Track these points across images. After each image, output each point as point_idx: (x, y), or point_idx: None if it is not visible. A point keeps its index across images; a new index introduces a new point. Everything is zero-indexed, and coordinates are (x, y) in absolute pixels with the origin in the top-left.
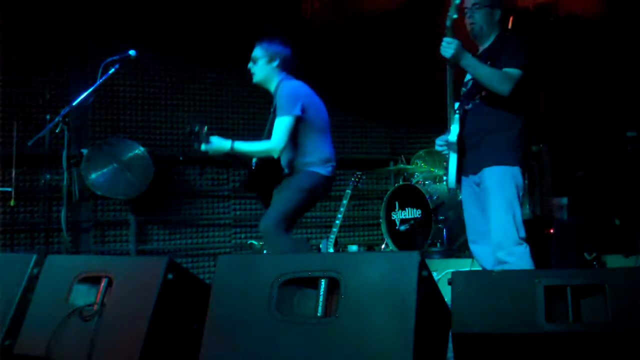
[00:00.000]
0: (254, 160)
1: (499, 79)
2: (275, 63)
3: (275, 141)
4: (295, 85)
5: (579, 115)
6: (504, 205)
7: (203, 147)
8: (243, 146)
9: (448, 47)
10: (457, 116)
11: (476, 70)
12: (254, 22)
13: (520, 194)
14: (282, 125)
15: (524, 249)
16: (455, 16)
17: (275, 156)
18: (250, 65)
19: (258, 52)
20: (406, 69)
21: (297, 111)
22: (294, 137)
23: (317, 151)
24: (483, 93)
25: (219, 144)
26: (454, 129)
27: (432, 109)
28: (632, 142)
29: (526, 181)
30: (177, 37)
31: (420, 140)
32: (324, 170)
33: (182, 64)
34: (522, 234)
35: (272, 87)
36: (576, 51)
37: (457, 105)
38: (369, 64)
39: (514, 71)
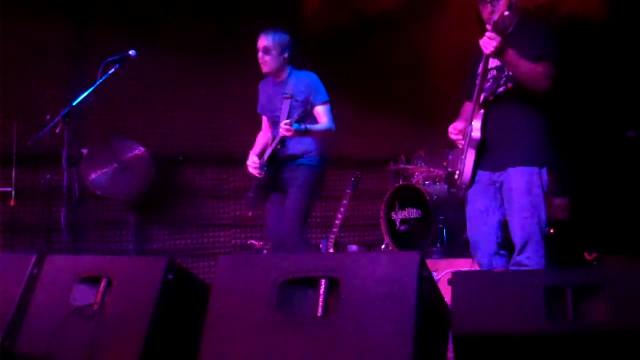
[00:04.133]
0: (266, 166)
1: (541, 77)
2: (286, 54)
3: (331, 122)
4: (315, 75)
5: (579, 115)
6: (529, 209)
7: (295, 125)
8: (314, 128)
9: (490, 42)
10: (481, 112)
11: (518, 67)
12: (254, 22)
13: (547, 196)
14: (328, 109)
15: (543, 252)
16: (506, 13)
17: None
18: (261, 55)
19: (268, 42)
20: (406, 68)
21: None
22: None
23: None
24: (509, 85)
25: (298, 127)
26: (477, 125)
27: (432, 108)
28: (632, 142)
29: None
30: (177, 37)
31: (421, 140)
32: (326, 159)
33: (182, 63)
34: (544, 235)
35: (281, 76)
36: (576, 51)
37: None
38: (369, 63)
39: (551, 65)
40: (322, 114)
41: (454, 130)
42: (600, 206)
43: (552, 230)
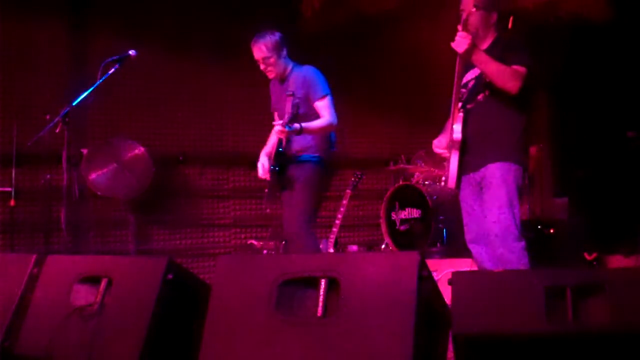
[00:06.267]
0: (273, 166)
1: (509, 76)
2: (284, 52)
3: (332, 116)
4: (316, 69)
5: (579, 115)
6: (506, 201)
7: (287, 127)
8: (310, 125)
9: (462, 41)
10: (461, 115)
11: (487, 66)
12: (254, 22)
13: (520, 194)
14: (329, 102)
15: (524, 245)
16: (473, 10)
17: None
18: (263, 66)
19: (263, 52)
20: (406, 68)
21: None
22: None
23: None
24: (487, 92)
25: (290, 128)
26: (457, 128)
27: (432, 108)
28: (632, 142)
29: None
30: (177, 37)
31: (421, 140)
32: (330, 153)
33: (182, 63)
34: (520, 230)
35: (284, 75)
36: (576, 51)
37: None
38: (369, 63)
39: (522, 69)
40: (321, 108)
41: (439, 144)
42: (600, 206)
43: (552, 230)
